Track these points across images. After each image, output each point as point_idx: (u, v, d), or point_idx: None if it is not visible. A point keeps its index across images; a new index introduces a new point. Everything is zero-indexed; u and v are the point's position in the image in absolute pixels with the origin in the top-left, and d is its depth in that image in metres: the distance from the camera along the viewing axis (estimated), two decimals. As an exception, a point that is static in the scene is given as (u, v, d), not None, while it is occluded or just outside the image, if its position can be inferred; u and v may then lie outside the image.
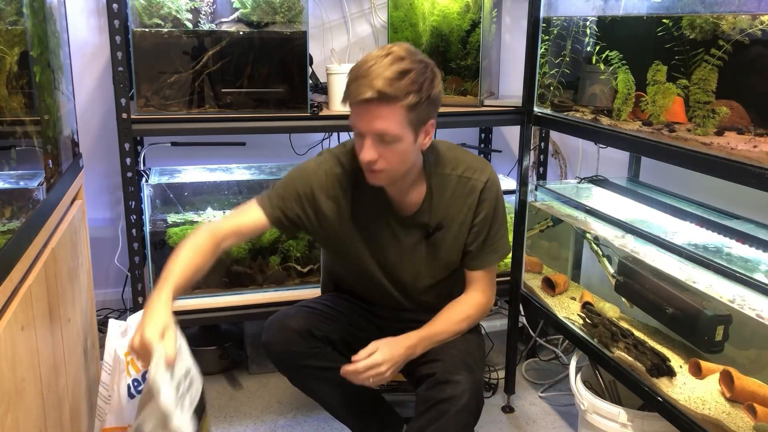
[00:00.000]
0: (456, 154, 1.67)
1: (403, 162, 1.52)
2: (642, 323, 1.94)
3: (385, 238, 1.66)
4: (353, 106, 1.46)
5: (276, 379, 2.44)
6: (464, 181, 1.63)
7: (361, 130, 1.47)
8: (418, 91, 1.44)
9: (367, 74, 1.42)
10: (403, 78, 1.42)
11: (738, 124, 1.46)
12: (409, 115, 1.45)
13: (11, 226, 1.26)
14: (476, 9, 2.32)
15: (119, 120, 1.97)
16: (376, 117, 1.44)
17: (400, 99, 1.42)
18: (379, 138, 1.46)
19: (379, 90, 1.40)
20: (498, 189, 1.67)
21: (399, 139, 1.46)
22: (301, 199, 1.62)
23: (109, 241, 2.68)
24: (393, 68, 1.42)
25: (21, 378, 1.14)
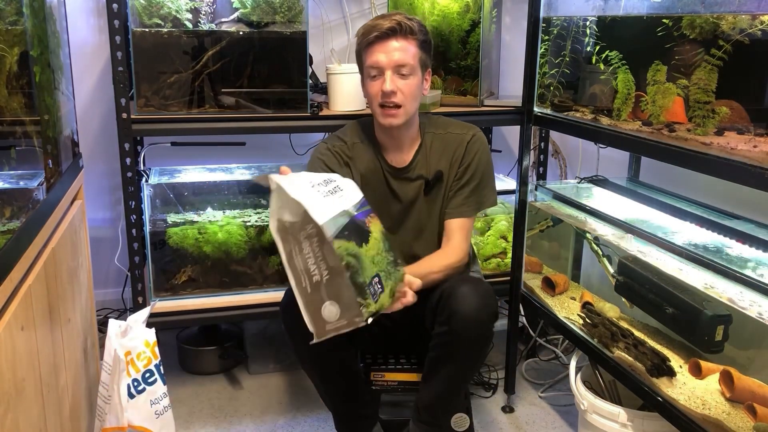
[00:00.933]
0: (446, 120, 1.91)
1: (415, 99, 1.74)
2: (642, 323, 1.94)
3: (385, 194, 1.82)
4: (372, 45, 1.69)
5: (276, 379, 2.44)
6: (453, 136, 1.85)
7: (382, 63, 1.69)
8: (425, 32, 1.74)
9: (382, 17, 1.70)
10: (411, 20, 1.71)
11: (738, 124, 1.46)
12: (420, 52, 1.71)
13: (11, 226, 1.26)
14: (476, 9, 2.32)
15: (119, 120, 1.97)
16: (396, 49, 1.68)
17: (415, 33, 1.70)
18: (398, 70, 1.69)
19: (399, 21, 1.67)
20: (483, 143, 1.86)
21: (413, 72, 1.71)
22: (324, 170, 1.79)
23: (109, 241, 2.68)
24: (402, 15, 1.71)
25: (21, 378, 1.14)
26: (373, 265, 1.43)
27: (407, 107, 1.73)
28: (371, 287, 1.41)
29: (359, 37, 1.73)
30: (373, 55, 1.70)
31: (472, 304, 1.57)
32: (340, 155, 1.82)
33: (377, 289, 1.43)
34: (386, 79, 1.69)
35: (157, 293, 2.22)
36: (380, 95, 1.71)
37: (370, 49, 1.70)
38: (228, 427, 2.15)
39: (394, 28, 1.67)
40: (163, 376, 1.73)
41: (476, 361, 1.74)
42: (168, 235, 2.22)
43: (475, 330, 1.59)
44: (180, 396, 2.31)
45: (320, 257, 1.38)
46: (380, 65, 1.69)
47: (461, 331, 1.57)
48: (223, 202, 2.40)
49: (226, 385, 2.41)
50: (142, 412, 1.68)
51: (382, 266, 1.46)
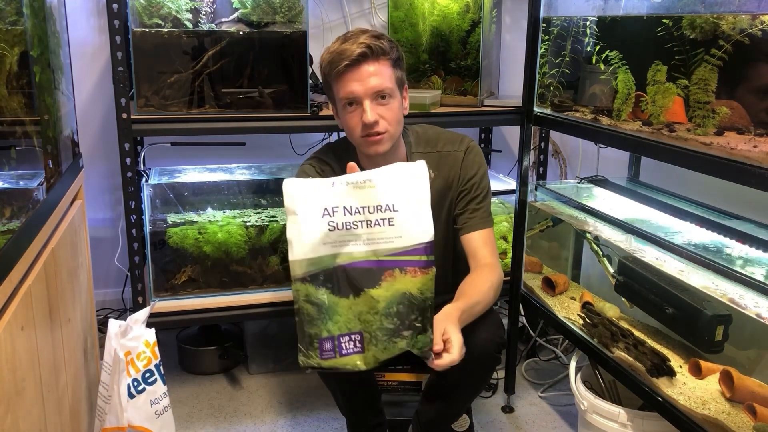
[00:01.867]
0: (434, 134, 1.75)
1: (398, 122, 1.61)
2: (642, 323, 1.94)
3: None
4: (344, 74, 1.54)
5: (276, 379, 2.44)
6: (444, 155, 1.72)
7: (358, 93, 1.54)
8: (396, 48, 1.60)
9: (346, 40, 1.55)
10: (380, 39, 1.56)
11: (738, 124, 1.46)
12: (395, 71, 1.58)
13: (11, 226, 1.26)
14: (476, 9, 2.32)
15: (119, 120, 1.97)
16: (371, 75, 1.54)
17: (387, 53, 1.56)
18: (376, 96, 1.55)
19: (368, 44, 1.52)
20: (478, 153, 1.74)
21: (392, 94, 1.58)
22: None
23: (109, 241, 2.68)
24: (367, 34, 1.56)
25: (21, 378, 1.14)
26: (356, 321, 1.32)
27: (391, 131, 1.60)
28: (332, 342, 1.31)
29: (325, 66, 1.58)
30: (346, 85, 1.55)
31: (481, 335, 1.52)
32: None
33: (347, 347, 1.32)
34: (366, 109, 1.55)
35: (157, 293, 2.22)
36: (361, 126, 1.57)
37: (342, 79, 1.55)
38: (228, 427, 2.15)
39: (364, 52, 1.52)
40: (163, 376, 1.73)
41: (481, 387, 1.75)
42: (168, 235, 2.22)
43: (483, 361, 1.57)
44: (180, 396, 2.31)
45: None
46: (356, 95, 1.55)
47: (469, 362, 1.51)
48: (223, 202, 2.40)
49: (226, 385, 2.41)
50: (142, 412, 1.68)
51: (371, 327, 1.32)
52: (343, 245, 1.32)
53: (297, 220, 1.31)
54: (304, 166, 1.74)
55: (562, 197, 2.13)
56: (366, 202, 1.32)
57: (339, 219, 1.31)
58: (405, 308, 1.32)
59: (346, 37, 1.57)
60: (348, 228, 1.31)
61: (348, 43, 1.54)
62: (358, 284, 1.32)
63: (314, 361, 1.32)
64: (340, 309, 1.32)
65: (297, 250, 1.31)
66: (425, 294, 1.33)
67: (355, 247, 1.32)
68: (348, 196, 1.32)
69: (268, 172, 2.56)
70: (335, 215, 1.31)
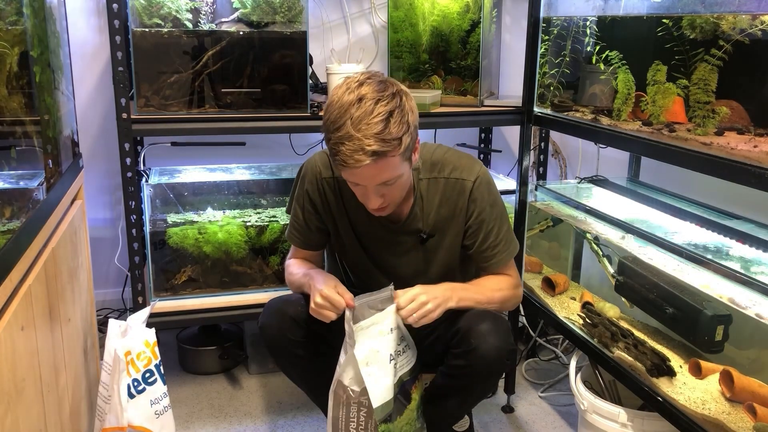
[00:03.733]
0: (441, 156, 1.64)
1: (404, 190, 1.56)
2: (642, 323, 1.94)
3: (380, 241, 1.69)
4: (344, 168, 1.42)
5: (276, 379, 2.44)
6: (452, 182, 1.62)
7: (362, 184, 1.47)
8: (406, 131, 1.41)
9: (353, 136, 1.36)
10: (389, 126, 1.37)
11: (738, 124, 1.46)
12: (404, 154, 1.43)
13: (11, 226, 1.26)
14: (476, 9, 2.32)
15: (119, 120, 1.97)
16: (377, 173, 1.42)
17: (395, 149, 1.39)
18: (382, 185, 1.46)
19: (374, 151, 1.36)
20: (489, 186, 1.64)
21: (399, 177, 1.47)
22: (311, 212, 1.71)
23: (109, 241, 2.68)
24: (376, 119, 1.36)
25: (21, 378, 1.14)
26: None
27: (396, 201, 1.56)
28: None
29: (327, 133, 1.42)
30: (349, 178, 1.47)
31: (493, 343, 1.51)
32: (324, 191, 1.66)
33: None
34: (370, 197, 1.48)
35: (157, 293, 2.22)
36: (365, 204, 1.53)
37: (343, 170, 1.43)
38: (228, 427, 2.15)
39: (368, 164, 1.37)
40: (163, 376, 1.73)
41: (486, 393, 1.76)
42: (168, 235, 2.22)
43: (493, 368, 1.56)
44: (180, 396, 2.31)
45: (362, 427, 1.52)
46: (360, 184, 1.47)
47: (479, 369, 1.54)
48: (223, 202, 2.40)
49: (226, 385, 2.41)
50: (142, 412, 1.68)
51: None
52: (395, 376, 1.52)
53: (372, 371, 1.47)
54: (312, 160, 1.69)
55: (562, 197, 2.13)
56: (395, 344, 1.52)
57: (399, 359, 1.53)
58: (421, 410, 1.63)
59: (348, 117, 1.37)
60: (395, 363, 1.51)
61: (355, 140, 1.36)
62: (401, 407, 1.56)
63: None
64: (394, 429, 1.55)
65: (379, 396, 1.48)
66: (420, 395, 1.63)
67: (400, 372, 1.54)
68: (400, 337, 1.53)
69: (268, 172, 2.56)
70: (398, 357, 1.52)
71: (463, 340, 1.54)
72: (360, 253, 1.71)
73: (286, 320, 1.62)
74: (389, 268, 1.70)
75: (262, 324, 1.65)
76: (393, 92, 1.42)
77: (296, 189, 1.73)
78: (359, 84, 1.41)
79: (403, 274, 1.69)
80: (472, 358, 1.52)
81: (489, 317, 1.56)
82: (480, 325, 1.53)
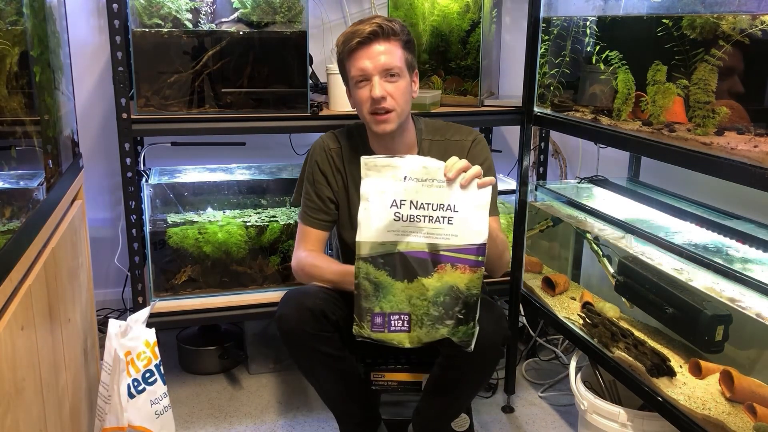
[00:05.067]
0: (443, 124, 1.85)
1: (406, 102, 1.69)
2: (642, 323, 1.94)
3: None
4: (355, 51, 1.64)
5: (276, 379, 2.44)
6: (452, 143, 1.80)
7: (368, 70, 1.63)
8: (407, 32, 1.69)
9: (361, 22, 1.65)
10: (393, 21, 1.66)
11: (738, 124, 1.46)
12: (405, 53, 1.67)
13: (11, 226, 1.26)
14: (476, 9, 2.32)
15: (119, 120, 1.97)
16: (380, 53, 1.63)
17: (398, 34, 1.65)
18: (385, 73, 1.64)
19: (380, 24, 1.62)
20: (485, 145, 1.83)
21: (401, 74, 1.66)
22: (321, 184, 1.81)
23: (109, 241, 2.68)
24: (380, 17, 1.66)
25: (21, 378, 1.14)
26: (406, 303, 1.48)
27: (399, 110, 1.68)
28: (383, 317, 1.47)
29: (340, 45, 1.68)
30: (357, 62, 1.65)
31: (487, 329, 1.53)
32: (333, 160, 1.81)
33: (395, 324, 1.48)
34: (374, 84, 1.64)
35: (157, 293, 2.22)
36: (370, 102, 1.66)
37: (354, 56, 1.65)
38: (228, 427, 2.15)
39: (375, 31, 1.62)
40: (163, 376, 1.73)
41: (483, 383, 1.76)
42: (168, 235, 2.22)
43: (487, 356, 1.57)
44: (180, 396, 2.31)
45: None
46: (366, 71, 1.64)
47: (474, 357, 1.54)
48: (223, 202, 2.40)
49: (226, 385, 2.41)
50: (142, 412, 1.68)
51: (418, 311, 1.48)
52: (405, 235, 1.47)
53: (368, 206, 1.46)
54: (318, 139, 1.85)
55: (562, 197, 2.13)
56: (432, 200, 1.47)
57: (405, 211, 1.46)
58: (451, 300, 1.47)
59: (361, 20, 1.68)
60: (411, 221, 1.46)
61: (361, 24, 1.65)
62: (413, 271, 1.47)
63: (365, 332, 1.49)
64: (394, 290, 1.48)
65: (364, 232, 1.46)
66: (471, 290, 1.47)
67: (416, 238, 1.47)
68: (417, 192, 1.47)
69: (268, 172, 2.56)
70: (402, 207, 1.46)
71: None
72: None
73: (305, 312, 1.62)
74: None
75: (280, 315, 1.65)
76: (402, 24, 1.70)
77: (304, 171, 1.87)
78: None
79: None
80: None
81: (482, 304, 1.57)
82: None
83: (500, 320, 1.59)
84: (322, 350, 1.64)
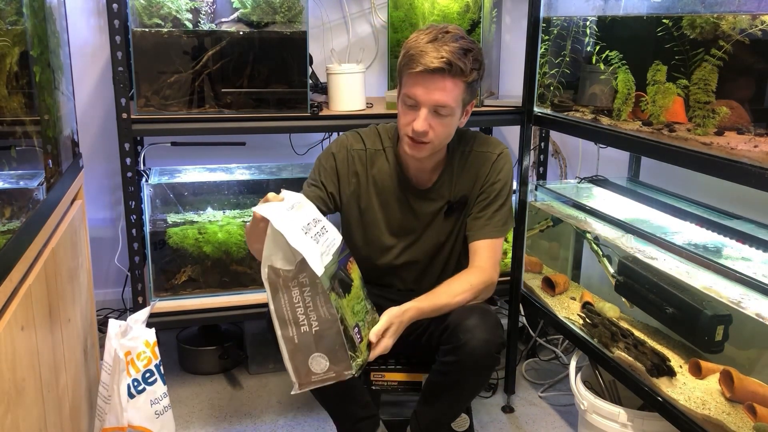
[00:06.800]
0: (473, 133, 1.77)
1: (447, 136, 1.61)
2: (642, 323, 1.94)
3: (402, 211, 1.73)
4: (415, 75, 1.51)
5: (276, 379, 2.44)
6: (479, 155, 1.72)
7: (421, 100, 1.53)
8: (478, 69, 1.55)
9: (433, 47, 1.49)
10: (467, 55, 1.51)
11: (738, 124, 1.46)
12: (466, 91, 1.56)
13: (11, 226, 1.26)
14: (476, 9, 2.32)
15: (119, 120, 1.97)
16: (439, 89, 1.51)
17: (466, 74, 1.52)
18: (435, 110, 1.53)
19: (450, 61, 1.48)
20: (509, 162, 1.74)
21: (452, 113, 1.56)
22: (330, 174, 1.72)
23: (109, 241, 2.68)
24: (457, 44, 1.50)
25: (21, 378, 1.14)
26: (353, 315, 1.43)
27: (436, 143, 1.60)
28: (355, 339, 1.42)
29: (403, 57, 1.55)
30: (412, 87, 1.53)
31: (481, 337, 1.52)
32: (353, 161, 1.72)
33: (358, 339, 1.43)
34: (420, 116, 1.53)
35: (157, 293, 2.22)
36: (411, 128, 1.56)
37: (411, 79, 1.53)
38: (228, 427, 2.15)
39: (441, 68, 1.48)
40: (163, 376, 1.73)
41: (480, 388, 1.75)
42: (168, 235, 2.22)
43: (483, 362, 1.56)
44: (180, 396, 2.31)
45: (310, 308, 1.37)
46: (417, 100, 1.53)
47: (469, 364, 1.54)
48: (223, 202, 2.40)
49: (226, 385, 2.41)
50: (142, 412, 1.68)
51: (361, 316, 1.46)
52: (327, 253, 1.41)
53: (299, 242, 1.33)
54: (342, 136, 1.76)
55: (562, 197, 2.13)
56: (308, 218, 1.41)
57: (312, 232, 1.40)
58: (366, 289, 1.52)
59: (436, 35, 1.52)
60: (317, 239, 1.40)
61: (434, 46, 1.49)
62: (345, 283, 1.45)
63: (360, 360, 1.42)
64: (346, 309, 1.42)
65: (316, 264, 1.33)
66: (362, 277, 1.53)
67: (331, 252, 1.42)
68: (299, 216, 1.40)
69: (268, 172, 2.56)
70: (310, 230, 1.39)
71: (452, 336, 1.56)
72: (378, 223, 1.74)
73: None
74: (407, 242, 1.74)
75: None
76: (474, 40, 1.57)
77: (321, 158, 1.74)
78: (446, 25, 1.56)
79: (419, 253, 1.75)
80: (462, 353, 1.53)
81: (477, 311, 1.58)
82: (468, 320, 1.55)
83: (495, 329, 1.57)
84: None
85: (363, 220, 1.76)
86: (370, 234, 1.76)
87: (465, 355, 1.53)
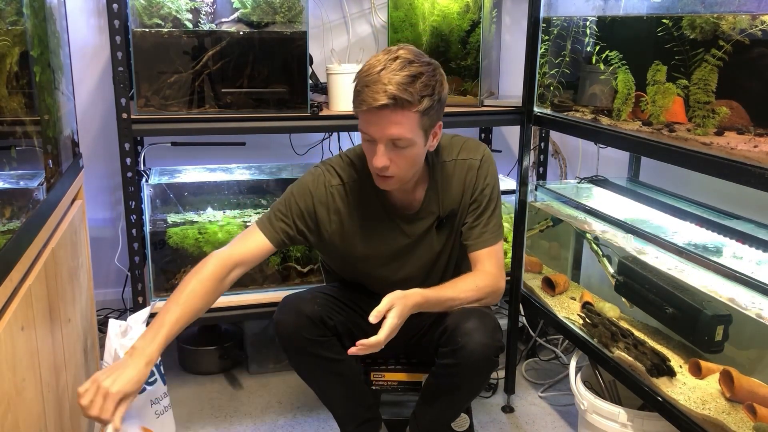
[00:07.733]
0: (450, 140, 1.70)
1: (413, 166, 1.54)
2: (642, 323, 1.94)
3: (393, 236, 1.68)
4: (365, 113, 1.45)
5: (276, 379, 2.44)
6: (462, 163, 1.67)
7: (374, 136, 1.47)
8: (430, 94, 1.45)
9: (378, 80, 1.41)
10: (415, 82, 1.42)
11: (738, 124, 1.46)
12: (422, 119, 1.46)
13: (11, 226, 1.26)
14: (476, 9, 2.32)
15: (119, 120, 1.97)
16: (391, 123, 1.43)
17: (415, 104, 1.42)
18: (392, 143, 1.47)
19: (393, 95, 1.40)
20: (492, 163, 1.70)
21: (412, 143, 1.48)
22: (303, 215, 1.63)
23: (109, 241, 2.68)
24: (404, 72, 1.42)
25: (21, 378, 1.14)
26: None
27: (401, 175, 1.53)
28: None
29: (354, 87, 1.48)
30: (365, 125, 1.47)
31: (479, 340, 1.51)
32: (332, 200, 1.64)
33: None
34: (378, 152, 1.47)
35: (157, 293, 2.21)
36: (372, 163, 1.50)
37: (362, 116, 1.47)
38: (228, 427, 2.15)
39: (386, 104, 1.40)
40: (163, 376, 1.73)
41: (479, 390, 1.75)
42: (168, 235, 2.22)
43: (481, 365, 1.56)
44: (180, 396, 2.31)
45: None
46: (371, 136, 1.47)
47: (467, 367, 1.54)
48: (223, 202, 2.40)
49: (226, 385, 2.41)
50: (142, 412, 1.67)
51: None
52: None
53: None
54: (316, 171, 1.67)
55: (562, 197, 2.13)
56: None
57: None
58: None
59: (385, 63, 1.43)
60: None
61: (380, 83, 1.41)
62: None
63: None
64: None
65: None
66: None
67: None
68: None
69: (268, 172, 2.56)
70: None
71: (450, 339, 1.55)
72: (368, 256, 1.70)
73: (302, 318, 1.61)
74: (404, 258, 1.70)
75: (278, 320, 1.64)
76: (428, 61, 1.48)
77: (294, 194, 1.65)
78: (398, 48, 1.48)
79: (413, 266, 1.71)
80: (460, 356, 1.53)
81: (476, 314, 1.57)
82: (466, 323, 1.53)
83: (494, 332, 1.56)
84: (320, 355, 1.64)
85: (352, 255, 1.70)
86: (362, 267, 1.73)
87: (463, 358, 1.53)
